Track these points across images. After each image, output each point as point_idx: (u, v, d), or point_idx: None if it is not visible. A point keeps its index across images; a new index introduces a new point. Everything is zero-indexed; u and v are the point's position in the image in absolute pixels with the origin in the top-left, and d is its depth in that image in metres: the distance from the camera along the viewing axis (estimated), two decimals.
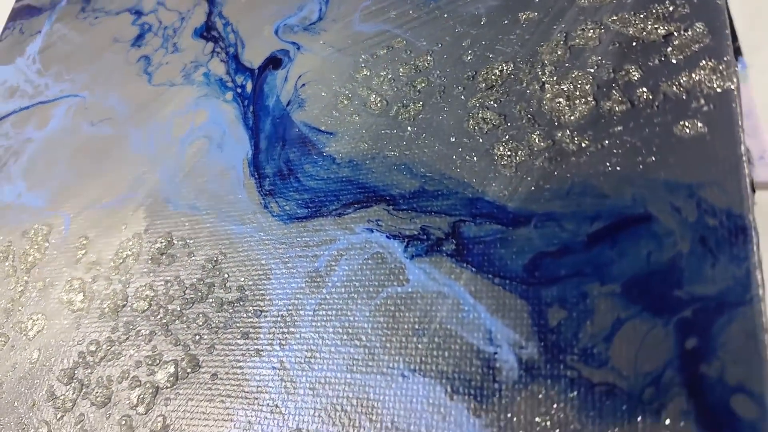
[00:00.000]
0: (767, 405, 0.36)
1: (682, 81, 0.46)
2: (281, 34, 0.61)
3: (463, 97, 0.51)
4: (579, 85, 0.48)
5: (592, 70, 0.48)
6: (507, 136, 0.48)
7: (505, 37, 0.52)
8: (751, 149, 0.74)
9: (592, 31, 0.50)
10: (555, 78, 0.49)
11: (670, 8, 0.48)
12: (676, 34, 0.47)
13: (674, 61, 0.46)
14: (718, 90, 0.44)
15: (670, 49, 0.47)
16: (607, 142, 0.45)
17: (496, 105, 0.50)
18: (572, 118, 0.47)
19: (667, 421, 0.37)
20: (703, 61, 0.46)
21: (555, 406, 0.40)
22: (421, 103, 0.52)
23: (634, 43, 0.48)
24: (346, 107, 0.55)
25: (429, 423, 0.42)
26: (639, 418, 0.38)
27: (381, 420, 0.43)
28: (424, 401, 0.43)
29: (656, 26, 0.48)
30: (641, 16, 0.49)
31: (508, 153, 0.48)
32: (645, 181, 0.44)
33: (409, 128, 0.51)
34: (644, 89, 0.46)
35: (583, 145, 0.46)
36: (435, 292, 0.45)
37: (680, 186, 0.43)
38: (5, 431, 0.52)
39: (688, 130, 0.44)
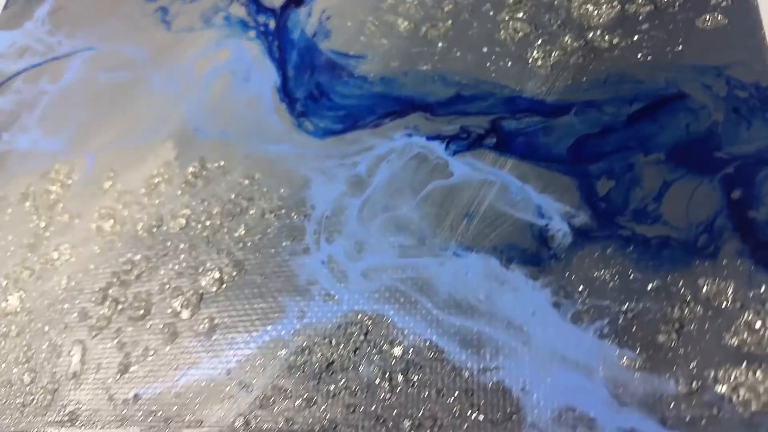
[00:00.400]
0: None
1: None
2: None
3: (491, 12, 0.54)
4: None
5: None
6: (539, 41, 0.51)
7: None
8: None
9: None
10: None
11: None
12: None
13: None
14: None
15: None
16: (636, 37, 0.49)
17: (525, 17, 0.52)
18: (600, 21, 0.50)
19: (724, 261, 0.40)
20: None
21: (612, 261, 0.41)
22: (450, 21, 0.55)
23: None
24: (373, 33, 0.57)
25: (488, 291, 0.43)
26: (696, 262, 0.40)
27: (437, 294, 0.44)
28: (480, 274, 0.44)
29: None
30: None
31: (542, 55, 0.50)
32: (675, 66, 0.47)
33: (440, 44, 0.54)
34: None
35: (614, 41, 0.49)
36: (481, 181, 0.47)
37: (708, 68, 0.46)
38: (37, 355, 0.51)
39: (709, 23, 0.47)
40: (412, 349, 0.43)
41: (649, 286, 0.41)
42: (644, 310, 0.40)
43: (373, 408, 0.42)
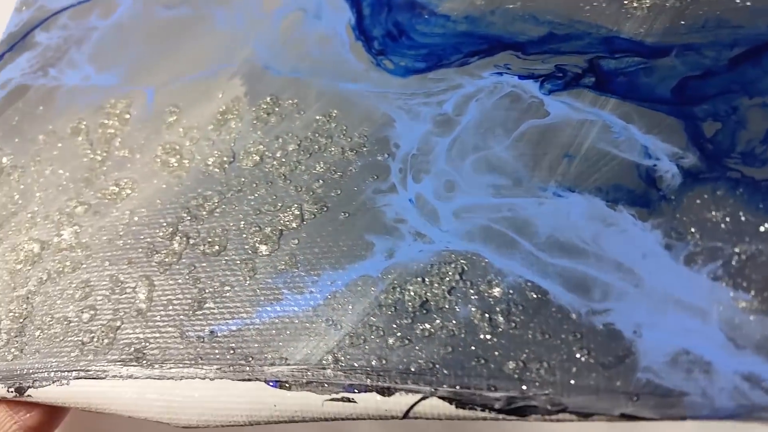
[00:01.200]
0: None
1: None
2: None
3: None
4: None
5: None
6: None
7: None
8: None
9: None
10: None
11: None
12: None
13: None
14: None
15: None
16: None
17: None
18: None
19: None
20: None
21: (723, 202, 0.42)
22: None
23: None
24: None
25: (593, 232, 0.43)
26: None
27: (537, 234, 0.44)
28: (584, 215, 0.44)
29: None
30: None
31: None
32: None
33: None
34: None
35: None
36: (580, 120, 0.47)
37: None
38: (96, 292, 0.50)
39: None
40: (512, 290, 0.43)
41: (761, 228, 0.41)
42: (757, 251, 0.41)
43: (473, 348, 0.42)
